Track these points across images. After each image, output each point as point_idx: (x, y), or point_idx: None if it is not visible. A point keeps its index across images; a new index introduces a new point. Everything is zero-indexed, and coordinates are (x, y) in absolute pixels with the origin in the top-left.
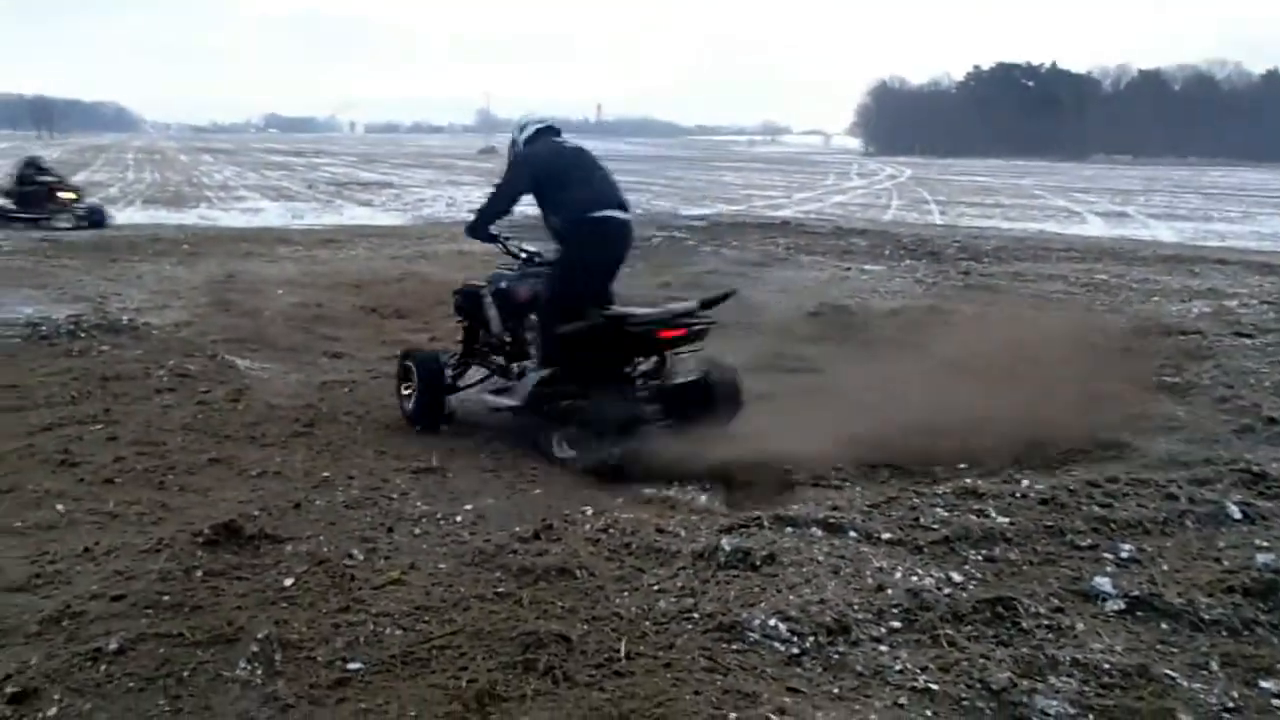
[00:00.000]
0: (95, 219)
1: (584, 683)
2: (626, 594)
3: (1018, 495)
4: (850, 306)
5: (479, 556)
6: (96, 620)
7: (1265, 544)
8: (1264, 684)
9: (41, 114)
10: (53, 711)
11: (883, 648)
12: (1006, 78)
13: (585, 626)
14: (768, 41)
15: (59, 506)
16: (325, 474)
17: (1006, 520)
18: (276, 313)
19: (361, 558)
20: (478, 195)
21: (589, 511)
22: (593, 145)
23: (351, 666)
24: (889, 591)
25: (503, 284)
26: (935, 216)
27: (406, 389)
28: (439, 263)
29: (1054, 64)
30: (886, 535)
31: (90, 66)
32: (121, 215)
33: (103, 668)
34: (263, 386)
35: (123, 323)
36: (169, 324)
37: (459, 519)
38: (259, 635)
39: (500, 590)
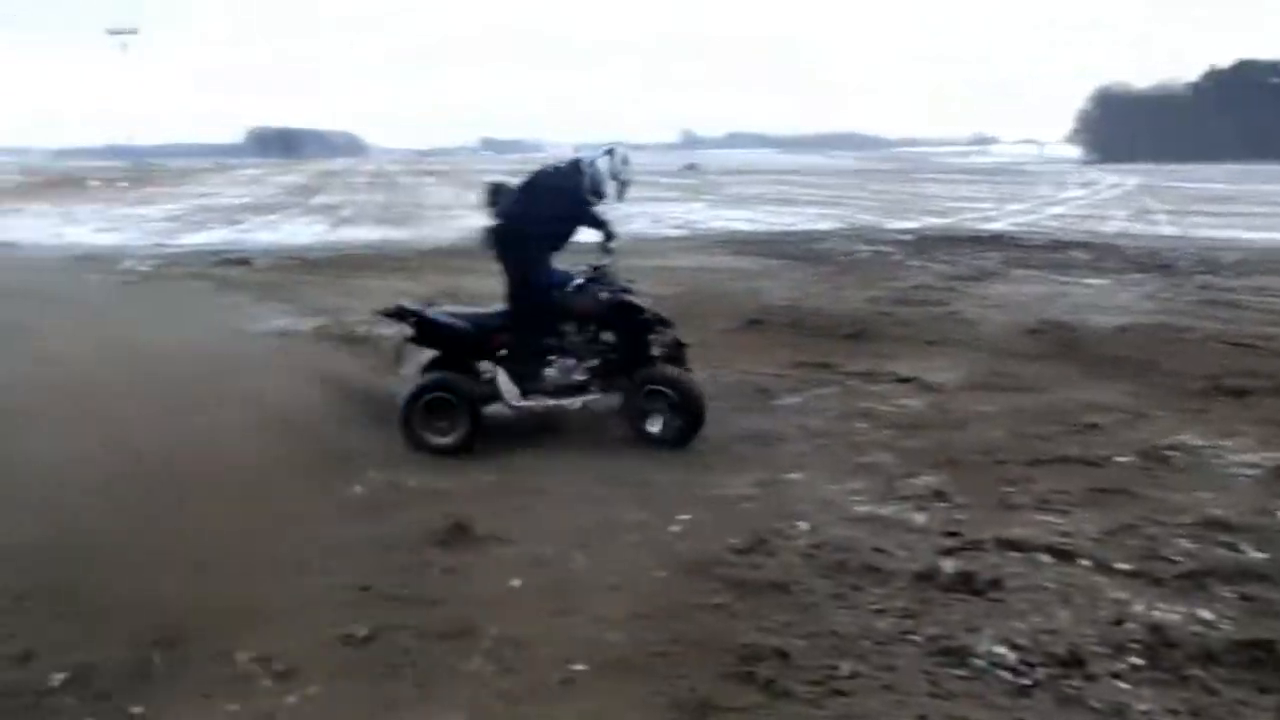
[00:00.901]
0: None
1: (803, 698)
2: (844, 612)
3: (1275, 530)
4: (1072, 323)
5: (694, 567)
6: (347, 608)
7: None
8: None
9: (286, 142)
10: (313, 690)
11: (1123, 685)
12: (1248, 76)
13: (803, 642)
14: (975, 50)
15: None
16: (540, 482)
17: (1264, 556)
18: None
19: (581, 562)
20: (679, 211)
21: (802, 527)
22: (792, 160)
23: (575, 667)
24: (1128, 625)
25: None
26: (1165, 227)
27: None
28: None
29: None
30: (1122, 565)
31: (327, 98)
32: (352, 234)
33: (354, 652)
34: None
35: (357, 334)
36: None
37: (672, 529)
38: (491, 632)
39: (716, 601)
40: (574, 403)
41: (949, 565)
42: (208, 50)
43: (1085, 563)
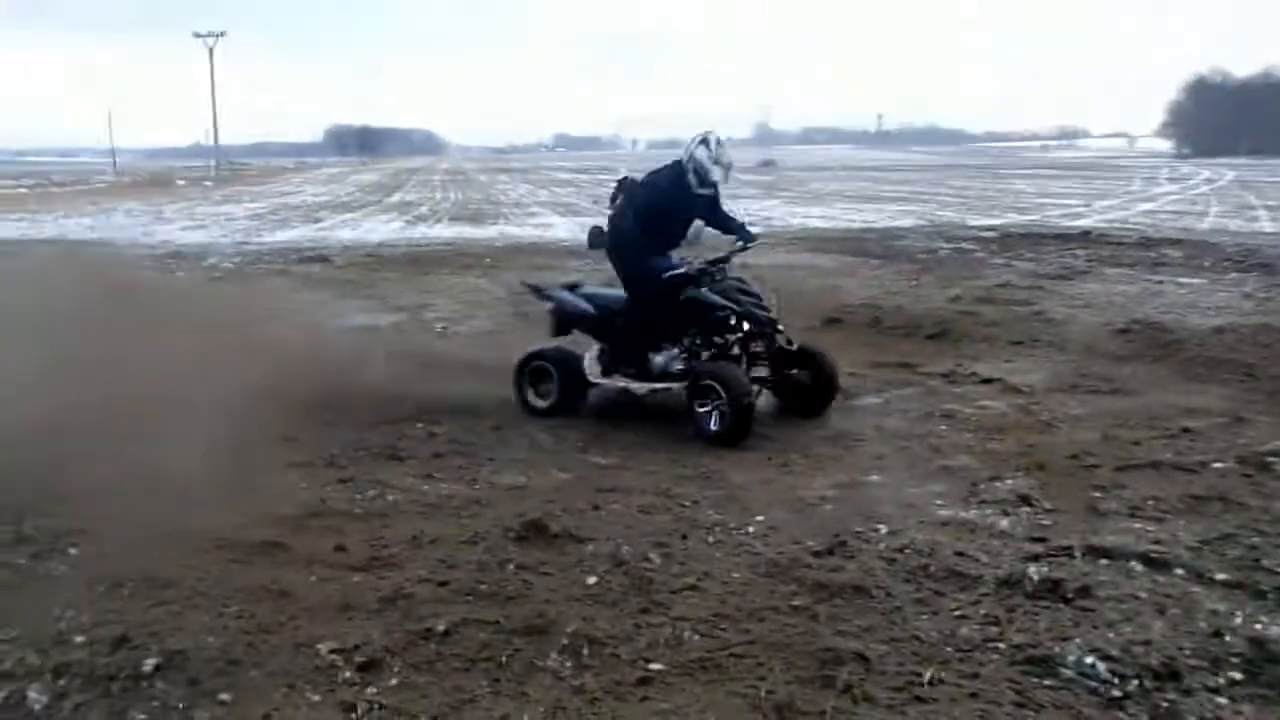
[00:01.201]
0: None
1: (885, 704)
2: (926, 617)
3: None
4: (1165, 323)
5: (772, 568)
6: (425, 603)
7: None
8: None
9: (364, 141)
10: (394, 682)
11: (1221, 700)
12: None
13: (884, 647)
14: (1062, 40)
15: (389, 497)
16: (617, 481)
17: None
18: None
19: (659, 562)
20: (756, 208)
21: (882, 530)
22: (871, 156)
23: (653, 667)
24: (1227, 638)
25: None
26: (1265, 224)
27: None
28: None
29: None
30: (1221, 576)
31: (406, 97)
32: (431, 231)
33: (433, 646)
34: None
35: (436, 330)
36: (475, 333)
37: (751, 530)
38: (568, 629)
39: (795, 604)
40: (641, 388)
41: (1035, 572)
42: (290, 50)
43: (1181, 572)
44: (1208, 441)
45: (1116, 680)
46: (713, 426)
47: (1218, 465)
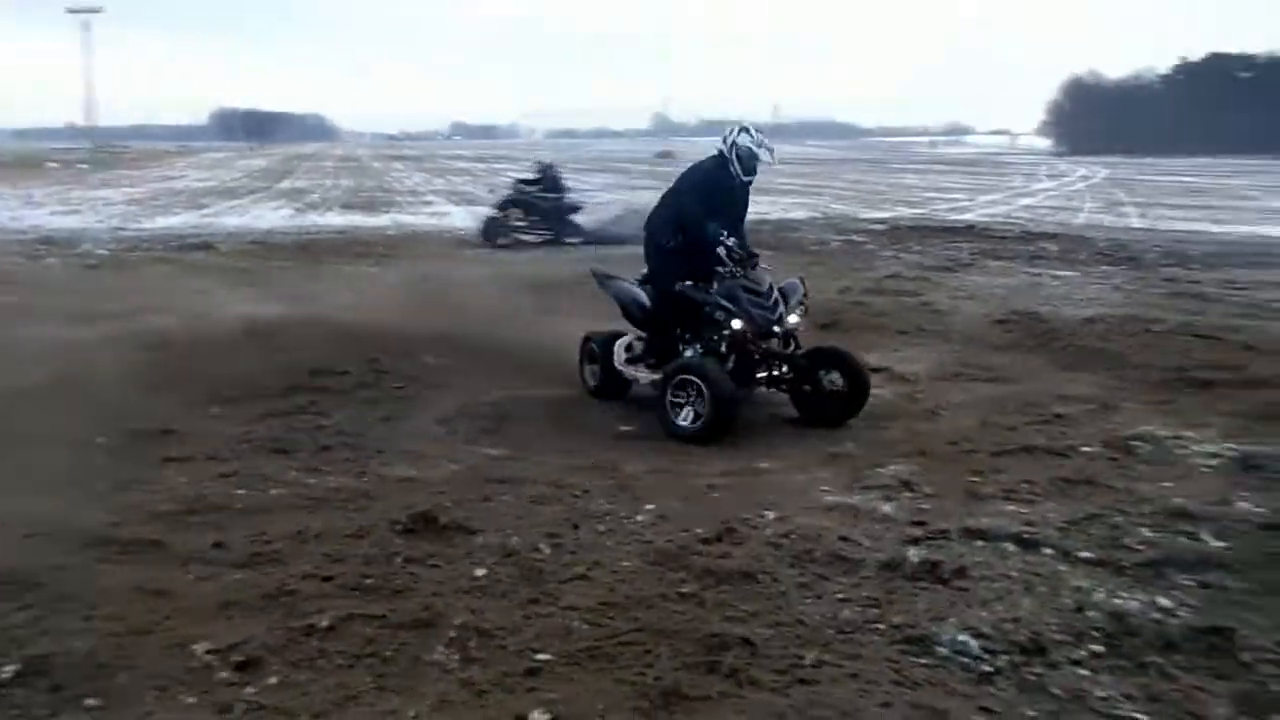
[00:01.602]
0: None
1: (769, 687)
2: (810, 601)
3: (1235, 519)
4: (1042, 314)
5: (662, 556)
6: (309, 599)
7: None
8: None
9: (253, 125)
10: (273, 681)
11: (1083, 671)
12: (1219, 69)
13: (769, 631)
14: (950, 40)
15: (273, 491)
16: (509, 472)
17: (1223, 545)
18: (473, 313)
19: (549, 552)
20: (651, 199)
21: (770, 516)
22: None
23: (541, 657)
24: (1089, 613)
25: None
26: (1134, 220)
27: None
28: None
29: (1271, 53)
30: (1085, 554)
31: (298, 81)
32: (323, 219)
33: (316, 643)
34: (460, 382)
35: (332, 320)
36: (371, 322)
37: (641, 519)
38: (456, 622)
39: (684, 591)
40: (644, 378)
41: (915, 554)
42: (174, 29)
43: (1049, 552)
44: (1078, 427)
45: (987, 657)
46: (683, 422)
47: (1086, 449)
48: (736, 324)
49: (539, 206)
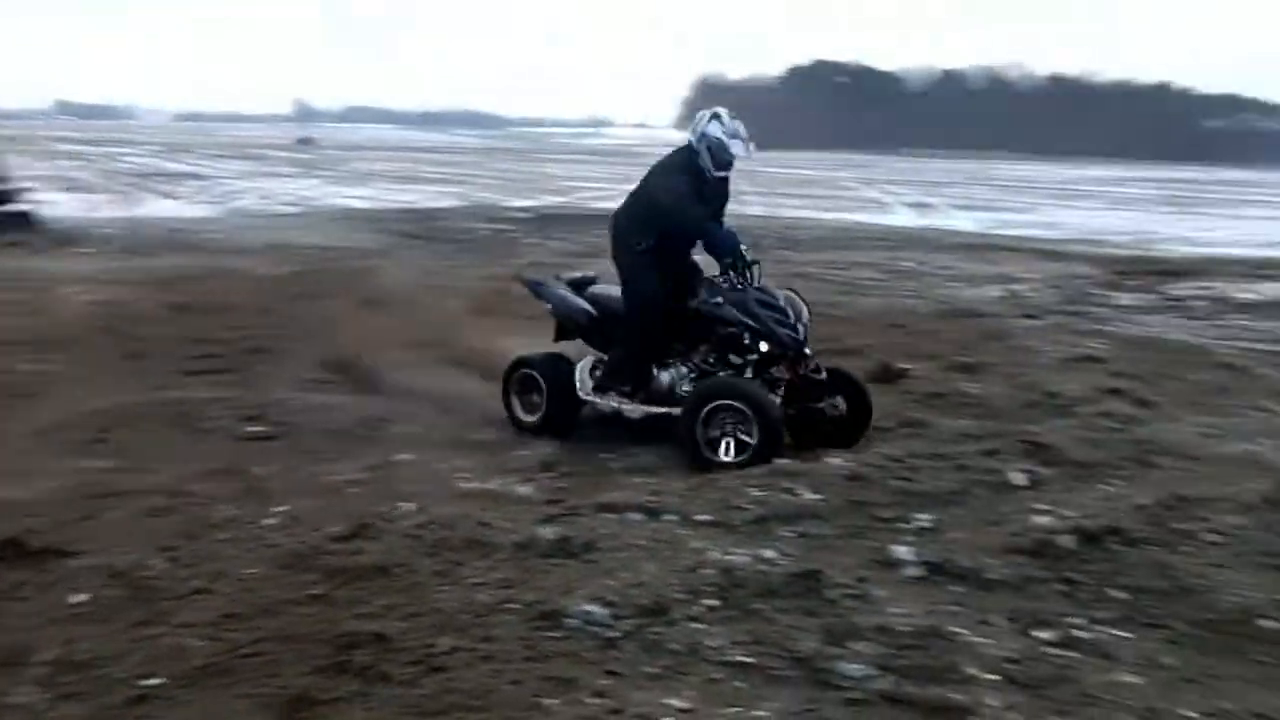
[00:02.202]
0: None
1: (401, 680)
2: (446, 589)
3: (825, 473)
4: None
5: (291, 559)
6: None
7: (1044, 508)
8: (1038, 634)
9: None
10: None
11: (698, 625)
12: (823, 74)
13: (403, 624)
14: (587, 33)
15: None
16: (117, 485)
17: (817, 497)
18: (74, 313)
19: (163, 568)
20: (293, 187)
21: (407, 508)
22: (414, 137)
23: (150, 682)
24: (705, 571)
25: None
26: (755, 208)
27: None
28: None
29: (862, 62)
30: (703, 517)
31: None
32: None
33: None
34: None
35: None
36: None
37: (269, 522)
38: (47, 657)
39: (313, 593)
40: (637, 411)
41: (549, 532)
42: None
43: (671, 518)
44: None
45: (614, 623)
46: (728, 456)
47: None
48: (765, 346)
49: None
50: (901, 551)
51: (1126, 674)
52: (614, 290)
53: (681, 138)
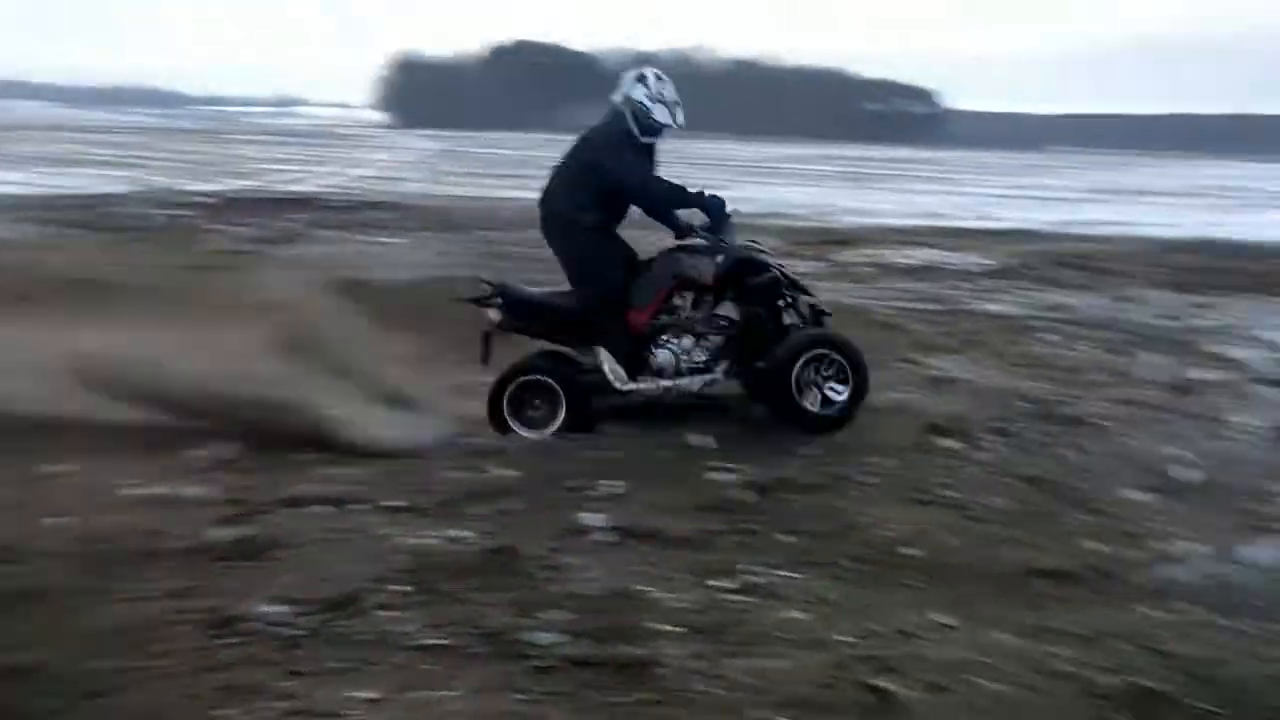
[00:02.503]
0: None
1: (52, 712)
2: (109, 606)
3: (519, 449)
4: (370, 280)
5: None
6: None
7: (723, 465)
8: (713, 582)
9: None
10: None
11: (389, 613)
12: (525, 55)
13: (55, 651)
14: (275, 8)
15: None
16: None
17: (510, 473)
18: None
19: None
20: None
21: (63, 522)
22: (75, 115)
23: None
24: (395, 558)
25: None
26: (458, 188)
27: None
28: None
29: (559, 43)
30: (393, 503)
31: None
32: None
33: None
34: None
35: None
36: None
37: None
38: None
39: None
40: (692, 383)
41: (225, 534)
42: None
43: (360, 507)
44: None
45: (297, 620)
46: (819, 408)
47: None
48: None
49: None
50: (592, 519)
51: (795, 611)
52: (536, 289)
53: (381, 118)
